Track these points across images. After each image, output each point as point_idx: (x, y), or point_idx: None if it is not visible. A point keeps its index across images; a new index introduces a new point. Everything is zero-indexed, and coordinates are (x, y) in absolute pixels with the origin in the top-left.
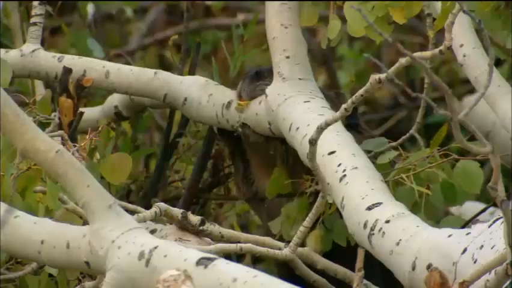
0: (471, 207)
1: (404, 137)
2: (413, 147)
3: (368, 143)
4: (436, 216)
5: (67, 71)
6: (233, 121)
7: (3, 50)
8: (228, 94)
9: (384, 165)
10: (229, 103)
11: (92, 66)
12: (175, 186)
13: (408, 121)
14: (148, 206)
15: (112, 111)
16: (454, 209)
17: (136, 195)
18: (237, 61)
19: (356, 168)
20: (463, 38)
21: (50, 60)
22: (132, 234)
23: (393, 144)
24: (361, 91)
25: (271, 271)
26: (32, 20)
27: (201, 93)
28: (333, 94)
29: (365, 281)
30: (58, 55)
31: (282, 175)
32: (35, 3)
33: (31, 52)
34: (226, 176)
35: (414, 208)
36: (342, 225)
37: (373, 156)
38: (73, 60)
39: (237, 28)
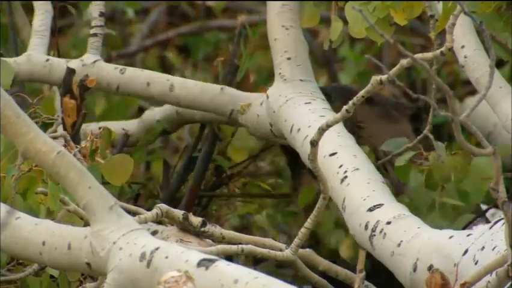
0: None
1: (419, 138)
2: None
3: (389, 143)
4: (451, 217)
5: (71, 71)
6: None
7: (64, 60)
8: None
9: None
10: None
11: (156, 79)
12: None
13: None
14: None
15: (158, 129)
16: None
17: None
18: (244, 65)
19: (357, 169)
20: (464, 40)
21: (111, 72)
22: (133, 236)
23: (409, 145)
24: (362, 92)
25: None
26: (92, 31)
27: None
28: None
29: (366, 282)
30: (120, 67)
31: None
32: (95, 14)
33: (92, 63)
34: (229, 177)
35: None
36: None
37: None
38: (135, 73)
39: (244, 29)
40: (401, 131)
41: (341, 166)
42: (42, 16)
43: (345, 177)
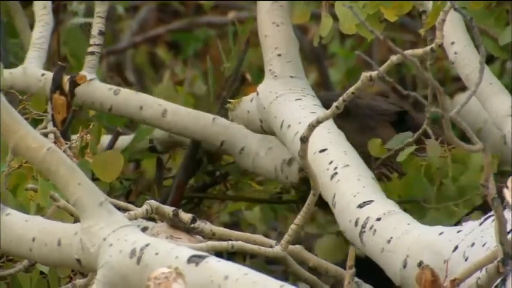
0: None
1: (418, 133)
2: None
3: (395, 139)
4: (450, 212)
5: (61, 68)
6: (293, 178)
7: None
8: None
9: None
10: (291, 160)
11: (148, 103)
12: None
13: None
14: None
15: (146, 144)
16: None
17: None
18: (232, 61)
19: (348, 165)
20: (454, 36)
21: (105, 92)
22: (123, 232)
23: (410, 140)
24: (352, 89)
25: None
26: (90, 49)
27: (260, 144)
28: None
29: (356, 279)
30: (115, 88)
31: None
32: (95, 32)
33: (87, 81)
34: (223, 177)
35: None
36: None
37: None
38: (129, 95)
39: (233, 25)
40: (382, 137)
41: (331, 162)
42: (42, 28)
43: (335, 173)
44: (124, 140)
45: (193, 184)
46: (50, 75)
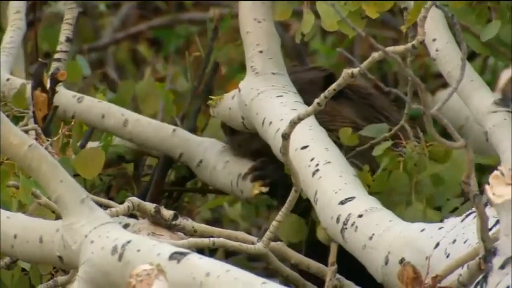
0: None
1: (396, 128)
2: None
3: (369, 128)
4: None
5: (42, 64)
6: (247, 193)
7: (22, 81)
8: (244, 163)
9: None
10: (246, 174)
11: (111, 112)
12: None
13: None
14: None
15: (114, 154)
16: None
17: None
18: (211, 57)
19: (329, 162)
20: (435, 33)
21: (69, 99)
22: (105, 229)
23: (387, 134)
24: (334, 85)
25: (245, 265)
26: (56, 55)
27: (218, 158)
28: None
29: (337, 276)
30: (78, 95)
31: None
32: (62, 39)
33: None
34: None
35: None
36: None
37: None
38: (92, 103)
39: (211, 22)
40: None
41: (312, 159)
42: (14, 33)
43: (317, 170)
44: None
45: (173, 179)
46: (14, 80)
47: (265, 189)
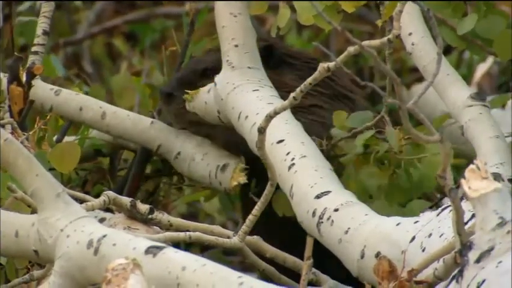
0: None
1: (376, 118)
2: None
3: (353, 118)
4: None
5: (18, 58)
6: (226, 184)
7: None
8: (223, 155)
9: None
10: (225, 166)
11: (89, 105)
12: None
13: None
14: None
15: (91, 148)
16: None
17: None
18: (187, 51)
19: (305, 156)
20: (411, 27)
21: (47, 92)
22: (81, 223)
23: (368, 124)
24: (310, 79)
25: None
26: (34, 48)
27: (196, 149)
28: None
29: (313, 270)
30: (56, 88)
31: None
32: (39, 32)
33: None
34: None
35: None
36: None
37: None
38: (70, 96)
39: (187, 16)
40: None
41: (288, 153)
42: None
43: (293, 164)
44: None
45: (148, 173)
46: None
47: (243, 180)
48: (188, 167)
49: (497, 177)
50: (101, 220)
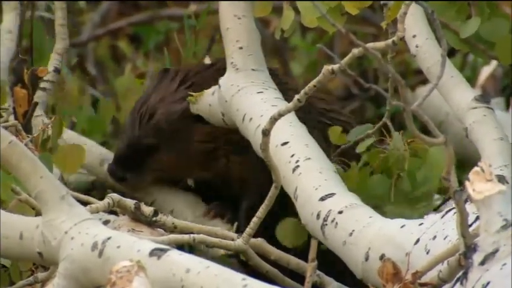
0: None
1: (378, 125)
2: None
3: (354, 132)
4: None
5: (22, 60)
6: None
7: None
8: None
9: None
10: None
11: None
12: None
13: (361, 112)
14: None
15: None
16: None
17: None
18: (188, 52)
19: (309, 159)
20: (415, 29)
21: None
22: (85, 225)
23: (369, 132)
24: (314, 82)
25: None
26: (42, 85)
27: None
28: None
29: (317, 272)
30: None
31: None
32: (50, 69)
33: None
34: None
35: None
36: None
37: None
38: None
39: (189, 18)
40: None
41: (292, 155)
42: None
43: (297, 166)
44: None
45: None
46: None
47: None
48: None
49: (501, 179)
50: (106, 222)
